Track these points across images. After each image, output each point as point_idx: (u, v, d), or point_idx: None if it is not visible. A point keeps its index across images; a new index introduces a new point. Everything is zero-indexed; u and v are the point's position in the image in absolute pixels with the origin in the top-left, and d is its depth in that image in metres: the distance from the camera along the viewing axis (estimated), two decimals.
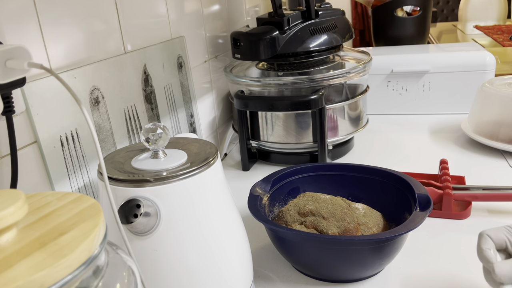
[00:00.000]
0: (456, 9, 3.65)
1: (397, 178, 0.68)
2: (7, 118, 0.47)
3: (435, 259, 0.63)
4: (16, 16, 0.51)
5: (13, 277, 0.23)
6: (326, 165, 0.74)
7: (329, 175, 0.73)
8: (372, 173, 0.72)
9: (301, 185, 0.73)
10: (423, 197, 0.60)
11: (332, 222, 0.61)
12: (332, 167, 0.74)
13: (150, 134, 0.48)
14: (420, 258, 0.64)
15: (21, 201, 0.26)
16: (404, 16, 1.53)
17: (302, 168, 0.73)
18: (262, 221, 0.58)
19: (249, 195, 0.64)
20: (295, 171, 0.73)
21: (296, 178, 0.73)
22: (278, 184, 0.70)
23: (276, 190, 0.70)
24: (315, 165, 0.74)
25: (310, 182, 0.73)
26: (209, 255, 0.49)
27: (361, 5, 3.44)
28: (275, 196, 0.70)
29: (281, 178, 0.71)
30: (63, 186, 0.57)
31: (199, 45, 0.98)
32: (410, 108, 1.22)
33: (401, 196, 0.66)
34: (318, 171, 0.74)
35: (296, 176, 0.73)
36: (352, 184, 0.73)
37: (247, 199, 0.63)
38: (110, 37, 0.68)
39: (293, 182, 0.73)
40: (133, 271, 0.33)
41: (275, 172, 0.72)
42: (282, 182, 0.71)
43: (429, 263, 0.63)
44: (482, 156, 0.94)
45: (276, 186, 0.70)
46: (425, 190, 0.62)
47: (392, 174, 0.69)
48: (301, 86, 0.90)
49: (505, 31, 1.99)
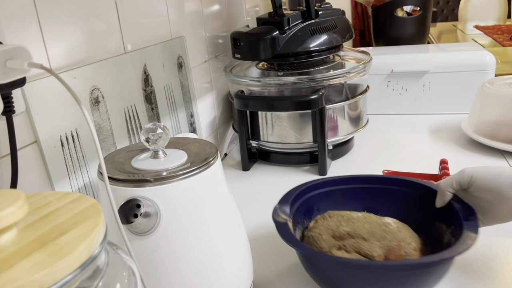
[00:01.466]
0: (456, 9, 3.65)
1: (417, 185, 0.63)
2: (7, 118, 0.47)
3: None
4: (16, 16, 0.51)
5: (13, 277, 0.23)
6: (337, 179, 0.68)
7: (341, 189, 0.67)
8: (387, 182, 0.66)
9: (315, 203, 0.67)
10: (461, 204, 0.58)
11: (374, 243, 0.55)
12: (344, 181, 0.68)
13: (150, 134, 0.48)
14: None
15: (21, 201, 0.26)
16: (404, 16, 1.53)
17: (314, 184, 0.67)
18: (310, 253, 0.53)
19: (276, 223, 0.56)
20: (308, 189, 0.66)
21: (310, 196, 0.66)
22: (295, 205, 0.63)
23: (294, 212, 0.63)
24: (326, 180, 0.68)
25: (323, 199, 0.67)
26: (209, 255, 0.49)
27: (361, 5, 3.44)
28: (295, 219, 0.63)
29: (297, 198, 0.64)
30: (63, 186, 0.57)
31: (199, 45, 0.98)
32: (410, 108, 1.22)
33: (424, 204, 0.62)
34: (329, 186, 0.67)
35: (310, 193, 0.66)
36: (366, 196, 0.67)
37: (276, 228, 0.56)
38: (110, 37, 0.68)
39: (308, 201, 0.66)
40: (133, 271, 0.33)
41: (290, 192, 0.64)
42: (297, 202, 0.64)
43: None
44: (482, 156, 0.94)
45: (294, 207, 0.63)
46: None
47: (411, 181, 0.65)
48: (301, 86, 0.90)
49: (505, 31, 1.99)
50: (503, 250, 0.65)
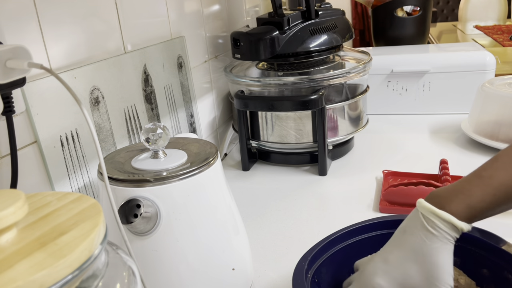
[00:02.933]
0: (456, 9, 3.65)
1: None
2: (7, 118, 0.47)
3: None
4: (16, 16, 0.51)
5: (13, 277, 0.23)
6: (367, 225, 0.55)
7: (368, 237, 0.55)
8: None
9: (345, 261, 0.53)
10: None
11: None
12: (374, 226, 0.55)
13: (150, 134, 0.48)
14: None
15: (21, 201, 0.26)
16: (404, 16, 1.53)
17: (336, 237, 0.53)
18: None
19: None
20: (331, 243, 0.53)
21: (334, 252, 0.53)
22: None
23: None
24: (354, 228, 0.54)
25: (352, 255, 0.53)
26: (209, 255, 0.49)
27: (361, 5, 3.44)
28: None
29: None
30: (63, 186, 0.57)
31: (199, 45, 0.98)
32: (410, 108, 1.22)
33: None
34: (357, 234, 0.55)
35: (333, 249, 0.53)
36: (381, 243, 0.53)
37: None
38: (110, 37, 0.68)
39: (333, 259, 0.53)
40: (133, 271, 0.33)
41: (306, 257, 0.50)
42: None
43: None
44: (482, 156, 0.94)
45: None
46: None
47: None
48: (301, 86, 0.90)
49: (505, 31, 1.99)
50: None
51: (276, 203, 0.83)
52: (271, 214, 0.80)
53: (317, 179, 0.91)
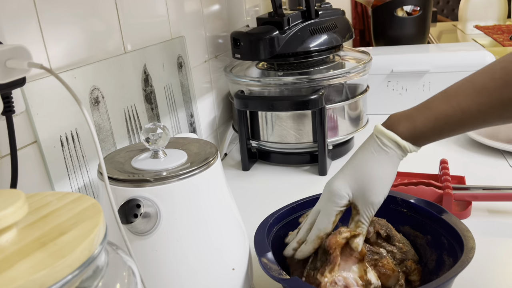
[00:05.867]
0: (456, 9, 3.65)
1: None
2: (7, 118, 0.47)
3: None
4: (16, 16, 0.51)
5: (13, 277, 0.23)
6: (293, 206, 0.62)
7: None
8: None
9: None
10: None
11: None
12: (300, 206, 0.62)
13: (150, 134, 0.48)
14: None
15: (21, 201, 0.26)
16: (404, 16, 1.53)
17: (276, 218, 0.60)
18: None
19: (283, 282, 0.49)
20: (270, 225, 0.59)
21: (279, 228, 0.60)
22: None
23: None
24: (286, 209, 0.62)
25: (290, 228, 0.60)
26: (209, 255, 0.49)
27: (361, 5, 3.44)
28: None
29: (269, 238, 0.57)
30: (63, 186, 0.57)
31: (199, 45, 0.98)
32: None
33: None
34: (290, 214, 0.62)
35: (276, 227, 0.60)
36: None
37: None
38: (110, 37, 0.68)
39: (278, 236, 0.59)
40: (133, 271, 0.33)
41: (259, 234, 0.56)
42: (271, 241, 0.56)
43: None
44: (482, 156, 0.94)
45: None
46: None
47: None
48: (301, 86, 0.90)
49: (505, 31, 1.99)
50: (503, 250, 0.65)
51: (276, 203, 0.82)
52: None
53: (317, 179, 0.91)
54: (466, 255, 0.49)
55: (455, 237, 0.53)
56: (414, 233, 0.60)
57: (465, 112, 0.48)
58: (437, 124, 0.49)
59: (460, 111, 0.48)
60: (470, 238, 0.51)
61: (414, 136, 0.51)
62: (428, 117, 0.50)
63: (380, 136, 0.52)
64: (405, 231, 0.60)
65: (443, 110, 0.49)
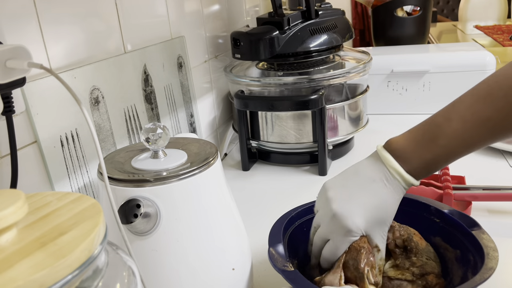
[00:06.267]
0: (456, 9, 3.65)
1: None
2: (7, 118, 0.47)
3: None
4: (16, 16, 0.51)
5: (13, 277, 0.23)
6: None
7: None
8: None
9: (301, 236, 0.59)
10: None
11: None
12: None
13: (150, 134, 0.48)
14: None
15: (21, 201, 0.26)
16: (404, 16, 1.53)
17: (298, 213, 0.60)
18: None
19: (283, 273, 0.49)
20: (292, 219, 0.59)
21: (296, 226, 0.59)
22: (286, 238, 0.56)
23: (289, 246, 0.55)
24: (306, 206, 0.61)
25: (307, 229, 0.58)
26: (209, 255, 0.49)
27: (361, 5, 3.44)
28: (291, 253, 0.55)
29: (285, 231, 0.56)
30: (63, 186, 0.57)
31: (199, 45, 0.98)
32: (410, 108, 1.22)
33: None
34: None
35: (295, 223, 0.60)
36: None
37: (289, 281, 0.49)
38: (110, 37, 0.68)
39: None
40: (133, 271, 0.33)
41: (276, 226, 0.56)
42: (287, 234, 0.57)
43: None
44: (482, 156, 0.94)
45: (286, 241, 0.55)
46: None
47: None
48: (301, 86, 0.90)
49: (505, 31, 1.99)
50: (503, 250, 0.65)
51: (276, 203, 0.83)
52: (271, 214, 0.80)
53: (317, 179, 0.91)
54: (481, 275, 0.46)
55: (480, 255, 0.50)
56: (444, 246, 0.56)
57: (474, 147, 0.49)
58: (447, 161, 0.51)
59: (467, 147, 0.49)
60: (493, 258, 0.49)
61: (427, 170, 0.51)
62: (438, 154, 0.50)
63: (392, 171, 0.52)
64: (436, 242, 0.57)
65: (454, 147, 0.49)
